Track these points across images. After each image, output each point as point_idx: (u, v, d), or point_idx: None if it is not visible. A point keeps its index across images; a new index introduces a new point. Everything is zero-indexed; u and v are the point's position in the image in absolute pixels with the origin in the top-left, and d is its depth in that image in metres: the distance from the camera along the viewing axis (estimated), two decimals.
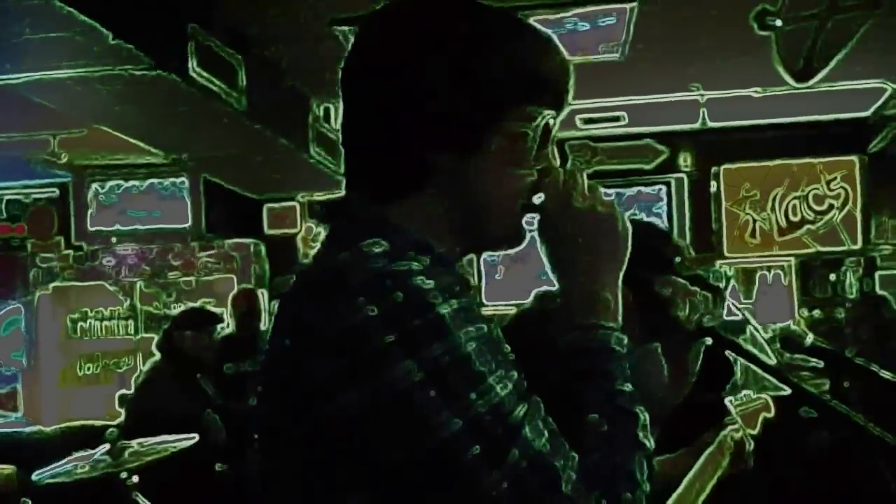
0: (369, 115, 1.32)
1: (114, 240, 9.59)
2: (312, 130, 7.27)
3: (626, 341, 1.28)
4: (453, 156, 1.29)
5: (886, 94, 7.84)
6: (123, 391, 7.67)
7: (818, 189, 8.97)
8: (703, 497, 2.27)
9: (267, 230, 9.81)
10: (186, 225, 9.51)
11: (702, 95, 7.55)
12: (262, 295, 9.69)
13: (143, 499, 3.40)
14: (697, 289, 1.44)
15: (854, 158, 8.88)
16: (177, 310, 9.21)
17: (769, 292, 8.87)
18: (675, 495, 2.23)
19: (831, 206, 8.97)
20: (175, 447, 3.63)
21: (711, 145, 8.70)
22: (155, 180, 9.49)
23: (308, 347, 1.18)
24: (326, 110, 7.69)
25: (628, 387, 1.24)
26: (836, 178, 8.96)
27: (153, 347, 6.13)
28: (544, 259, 1.35)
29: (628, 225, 1.33)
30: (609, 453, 1.18)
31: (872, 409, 1.54)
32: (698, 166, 8.94)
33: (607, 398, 1.22)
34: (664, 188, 9.01)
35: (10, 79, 4.89)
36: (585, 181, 1.33)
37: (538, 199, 1.34)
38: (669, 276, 1.45)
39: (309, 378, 1.18)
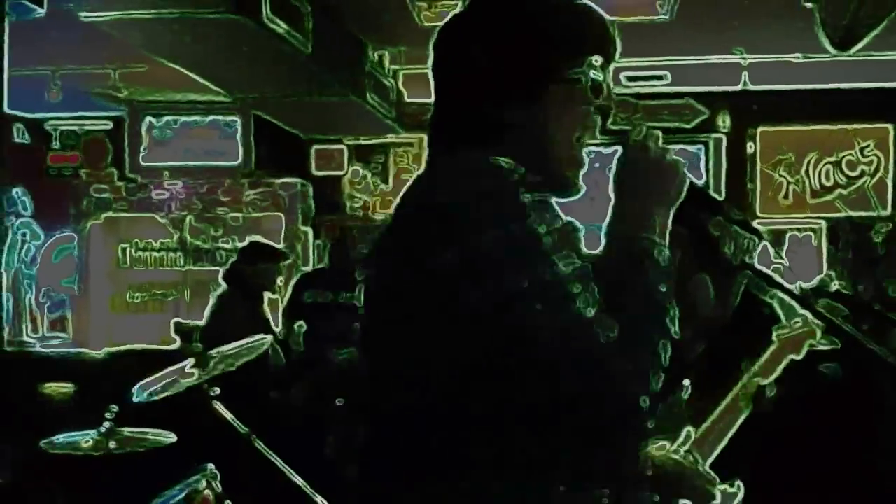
0: (454, 86, 1.70)
1: (166, 173, 9.83)
2: (369, 77, 7.55)
3: (666, 254, 1.61)
4: (522, 108, 1.65)
5: None
6: (178, 319, 8.01)
7: (851, 155, 9.19)
8: (724, 439, 2.58)
9: (314, 171, 10.11)
10: (237, 162, 9.78)
11: (744, 59, 7.78)
12: (308, 233, 10.06)
13: (223, 408, 3.69)
14: (743, 231, 1.77)
15: (889, 126, 9.09)
16: (233, 243, 9.62)
17: (799, 252, 9.12)
18: (696, 434, 2.53)
19: (863, 173, 9.20)
20: (255, 348, 3.90)
21: (750, 108, 8.90)
22: (208, 117, 9.74)
23: (474, 257, 1.51)
24: (381, 57, 7.97)
25: (664, 286, 1.57)
26: (869, 145, 9.17)
27: (220, 278, 6.41)
28: (613, 187, 1.68)
29: (686, 175, 1.68)
30: (637, 331, 1.52)
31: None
32: (737, 127, 9.15)
33: (643, 288, 1.56)
34: (703, 147, 9.26)
35: (96, 16, 5.21)
36: (659, 137, 1.68)
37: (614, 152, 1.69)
38: (720, 218, 1.77)
39: (480, 273, 1.51)
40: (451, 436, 1.58)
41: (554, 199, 1.68)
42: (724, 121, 9.18)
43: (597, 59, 1.69)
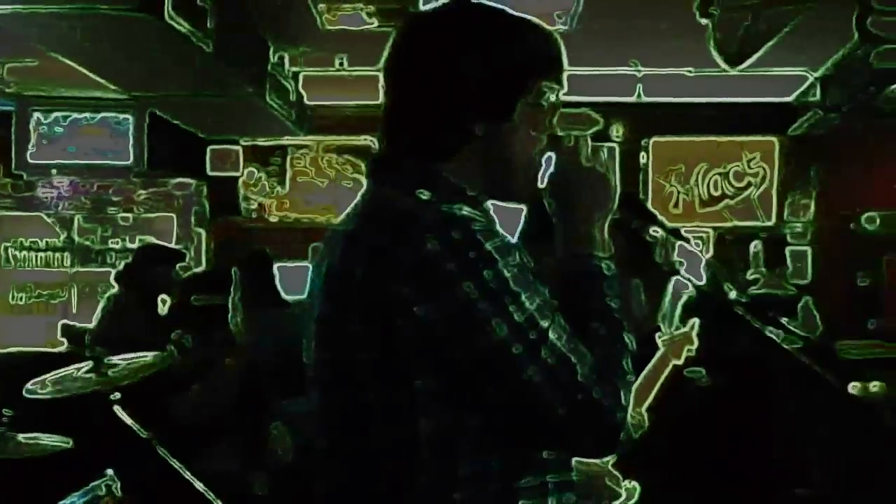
0: (424, 95, 1.70)
1: (54, 171, 9.59)
2: (270, 77, 7.51)
3: (613, 266, 1.68)
4: (489, 123, 1.69)
5: (808, 82, 8.35)
6: (66, 321, 7.85)
7: (739, 166, 9.49)
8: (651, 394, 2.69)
9: (209, 171, 9.99)
10: (129, 161, 9.56)
11: (639, 71, 7.97)
12: (202, 235, 9.94)
13: (125, 414, 3.65)
14: (674, 238, 1.84)
15: (774, 139, 9.39)
16: (123, 244, 9.46)
17: (687, 260, 9.33)
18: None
19: (750, 184, 9.50)
20: (149, 363, 3.86)
21: (644, 119, 9.12)
22: (100, 115, 9.52)
23: (389, 273, 1.55)
24: (281, 58, 7.93)
25: (616, 301, 1.65)
26: (755, 157, 9.48)
27: (111, 279, 6.30)
28: (549, 207, 1.73)
29: (617, 183, 1.73)
30: (607, 350, 1.59)
31: None
32: (630, 137, 9.36)
33: (602, 309, 1.63)
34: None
35: None
36: (590, 146, 1.72)
37: (548, 159, 1.73)
38: (653, 226, 1.85)
39: (390, 296, 1.55)
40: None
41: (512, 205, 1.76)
42: (618, 130, 9.38)
43: (556, 83, 1.74)
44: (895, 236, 8.73)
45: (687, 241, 1.84)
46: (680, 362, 2.93)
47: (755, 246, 9.31)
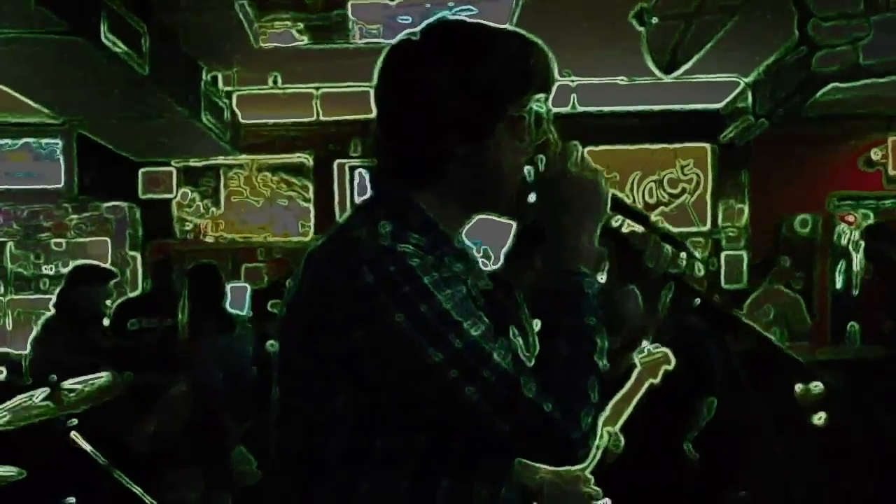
0: (402, 118, 1.70)
1: None
2: (205, 98, 7.45)
3: (596, 285, 1.66)
4: (470, 144, 1.67)
5: (739, 89, 8.51)
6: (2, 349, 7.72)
7: (673, 173, 9.62)
8: (626, 413, 2.70)
9: (141, 194, 9.87)
10: (59, 185, 9.43)
11: (573, 81, 8.04)
12: (136, 258, 9.82)
13: (82, 440, 3.58)
14: (666, 242, 1.82)
15: (706, 146, 9.55)
16: (56, 270, 9.30)
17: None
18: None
19: (684, 190, 9.64)
20: (105, 385, 3.79)
21: (579, 128, 9.17)
22: (28, 140, 9.37)
23: (325, 296, 1.59)
24: (214, 77, 7.87)
25: (592, 320, 1.62)
26: (689, 163, 9.63)
27: (50, 306, 6.22)
28: (539, 216, 1.72)
29: (608, 189, 1.72)
30: (568, 372, 1.59)
31: None
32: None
33: (573, 329, 1.62)
34: (531, 167, 9.45)
35: None
36: (579, 152, 1.71)
37: (535, 167, 1.72)
38: (643, 232, 1.81)
39: (325, 319, 1.58)
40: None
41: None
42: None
43: (541, 96, 1.71)
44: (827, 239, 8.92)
45: (679, 243, 1.81)
46: (657, 381, 2.92)
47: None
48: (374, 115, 1.74)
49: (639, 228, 1.75)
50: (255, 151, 9.66)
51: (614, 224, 1.79)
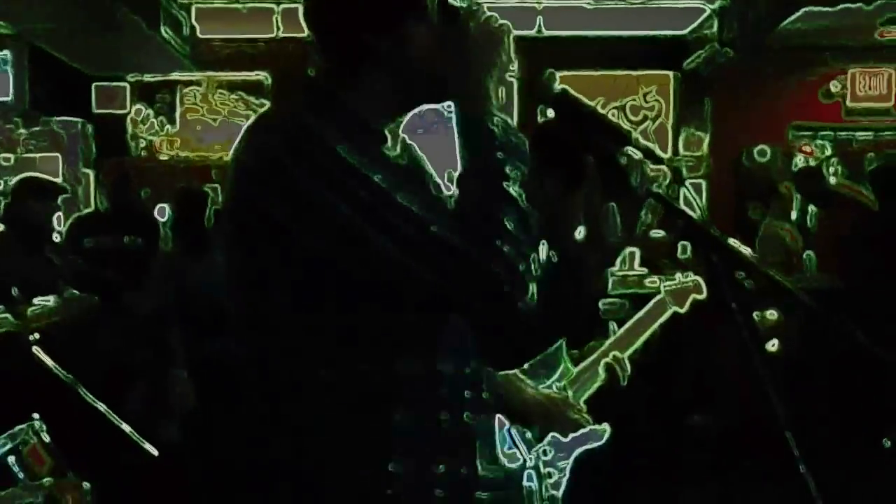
0: (320, 20, 1.73)
1: None
2: (163, 10, 7.24)
3: (499, 120, 1.67)
4: (384, 34, 1.68)
5: (704, 15, 8.45)
6: None
7: (635, 101, 9.58)
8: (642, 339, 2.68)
9: (95, 109, 9.65)
10: (8, 99, 9.19)
11: (539, 3, 7.93)
12: (90, 175, 9.61)
13: (44, 355, 3.51)
14: (649, 160, 1.79)
15: (669, 74, 9.50)
16: (5, 186, 9.06)
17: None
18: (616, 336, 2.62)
19: (646, 117, 9.61)
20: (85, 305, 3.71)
21: (543, 52, 9.10)
22: None
23: (239, 178, 1.65)
24: None
25: (500, 154, 1.64)
26: (651, 91, 9.58)
27: None
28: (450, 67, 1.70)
29: (511, 41, 1.75)
30: (483, 207, 1.61)
31: None
32: (528, 71, 9.33)
33: (480, 164, 1.65)
34: None
35: None
36: (485, 11, 1.72)
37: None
38: (628, 148, 1.80)
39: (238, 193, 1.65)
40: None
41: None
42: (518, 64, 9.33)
43: None
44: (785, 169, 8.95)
45: (660, 160, 1.79)
46: (683, 311, 2.87)
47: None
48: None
49: (618, 145, 1.73)
50: (213, 68, 9.45)
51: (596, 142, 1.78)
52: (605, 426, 2.59)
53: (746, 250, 1.98)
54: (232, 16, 8.30)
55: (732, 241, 1.84)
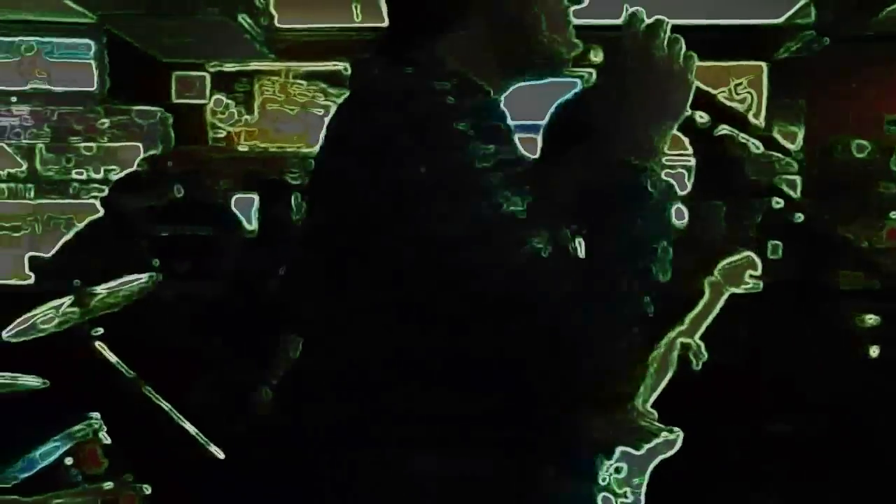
0: None
1: (13, 99, 9.25)
2: None
3: (664, 185, 1.37)
4: None
5: (801, 2, 8.07)
6: (34, 254, 7.56)
7: (725, 93, 9.23)
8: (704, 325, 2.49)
9: (175, 98, 9.62)
10: (92, 88, 9.21)
11: None
12: (168, 164, 9.60)
13: (108, 350, 3.39)
14: (769, 150, 1.53)
15: (762, 65, 9.12)
16: (87, 174, 9.14)
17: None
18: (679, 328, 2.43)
19: None
20: (137, 287, 3.57)
21: None
22: (60, 39, 9.11)
23: (339, 149, 1.36)
24: None
25: (657, 224, 1.34)
26: (742, 83, 9.23)
27: (98, 203, 6.09)
28: (599, 99, 1.43)
29: (694, 82, 1.42)
30: (617, 284, 1.29)
31: None
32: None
33: (627, 233, 1.33)
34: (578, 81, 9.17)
35: None
36: (668, 33, 1.41)
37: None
38: (742, 135, 1.53)
39: (337, 173, 1.35)
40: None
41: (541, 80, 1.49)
42: (598, 55, 9.08)
43: None
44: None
45: (787, 152, 1.52)
46: (739, 290, 2.70)
47: None
48: None
49: (733, 132, 1.47)
50: (292, 57, 9.34)
51: (700, 123, 1.49)
52: (677, 431, 2.38)
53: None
54: (312, 4, 8.17)
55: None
